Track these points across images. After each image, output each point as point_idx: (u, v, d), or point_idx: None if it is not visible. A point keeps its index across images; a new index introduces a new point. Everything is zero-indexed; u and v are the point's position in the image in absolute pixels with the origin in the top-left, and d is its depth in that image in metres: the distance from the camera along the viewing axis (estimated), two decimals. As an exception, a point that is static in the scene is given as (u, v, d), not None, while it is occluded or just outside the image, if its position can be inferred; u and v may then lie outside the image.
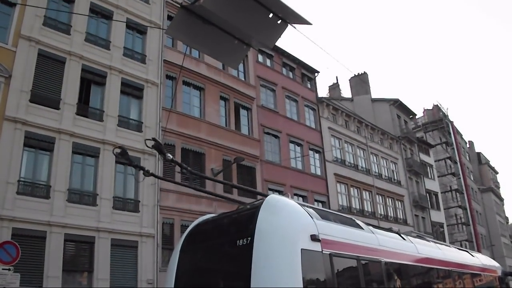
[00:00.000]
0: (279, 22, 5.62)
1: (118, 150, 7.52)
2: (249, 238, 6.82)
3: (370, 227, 9.27)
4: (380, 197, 39.65)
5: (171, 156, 7.54)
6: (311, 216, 7.33)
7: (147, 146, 7.22)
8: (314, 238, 6.87)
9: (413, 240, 10.85)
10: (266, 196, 7.67)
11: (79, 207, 19.32)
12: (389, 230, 10.58)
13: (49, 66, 20.46)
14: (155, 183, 22.06)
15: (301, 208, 7.46)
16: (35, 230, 17.55)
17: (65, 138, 19.75)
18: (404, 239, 10.41)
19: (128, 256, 20.40)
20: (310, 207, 7.94)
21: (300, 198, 30.03)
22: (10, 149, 17.96)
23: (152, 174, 8.26)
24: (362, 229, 8.75)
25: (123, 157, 7.48)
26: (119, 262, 19.95)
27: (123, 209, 20.90)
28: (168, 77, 25.37)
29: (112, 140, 21.10)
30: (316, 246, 6.88)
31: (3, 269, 13.80)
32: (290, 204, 7.53)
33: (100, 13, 23.37)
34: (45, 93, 19.94)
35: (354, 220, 9.02)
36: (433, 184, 51.59)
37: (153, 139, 7.31)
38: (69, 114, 20.24)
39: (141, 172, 8.12)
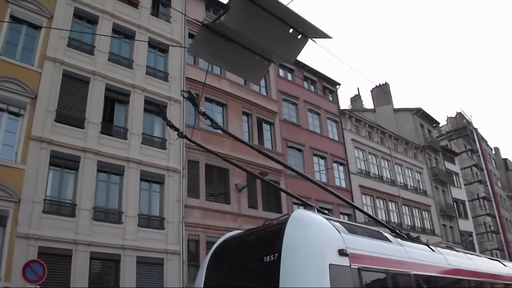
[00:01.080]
0: (299, 37, 5.61)
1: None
2: (276, 254, 6.74)
3: (398, 239, 9.09)
4: (407, 207, 39.10)
5: (203, 109, 7.31)
6: (338, 231, 7.20)
7: (183, 97, 6.99)
8: (342, 252, 6.74)
9: (442, 251, 10.58)
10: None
11: (105, 225, 19.42)
12: (417, 240, 10.34)
13: (74, 86, 20.78)
14: (179, 200, 22.11)
15: (328, 223, 7.33)
16: (61, 249, 17.66)
17: (90, 156, 19.95)
18: (433, 250, 10.17)
19: (154, 274, 20.38)
20: (337, 221, 7.82)
21: (326, 212, 29.77)
22: (37, 168, 18.20)
23: (186, 137, 8.03)
24: (390, 241, 8.57)
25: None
26: (145, 279, 19.94)
27: (148, 227, 20.95)
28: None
29: (136, 157, 21.28)
30: (344, 261, 6.76)
31: (29, 288, 13.93)
32: (317, 218, 7.41)
33: (122, 33, 23.73)
34: (70, 113, 20.23)
35: (381, 233, 8.86)
36: (460, 193, 50.67)
37: (188, 91, 7.11)
38: (94, 132, 20.47)
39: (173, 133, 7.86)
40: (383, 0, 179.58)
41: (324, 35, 5.57)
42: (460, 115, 62.19)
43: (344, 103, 53.83)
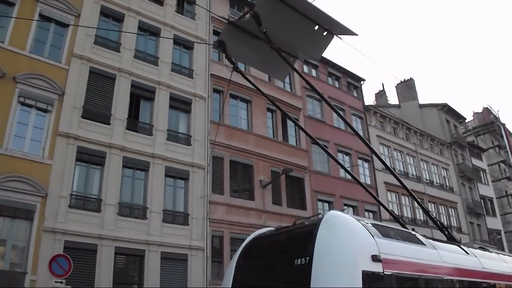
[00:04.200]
0: (325, 33, 5.59)
1: (216, 44, 7.03)
2: (308, 258, 6.59)
3: (430, 241, 8.78)
4: (432, 204, 38.60)
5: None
6: (371, 235, 6.99)
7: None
8: (375, 258, 6.56)
9: (476, 253, 10.20)
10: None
11: (129, 221, 19.63)
12: (451, 239, 9.97)
13: (100, 82, 21.04)
14: (204, 195, 22.22)
15: (361, 226, 7.10)
16: (86, 243, 17.93)
17: (115, 152, 20.17)
18: (466, 252, 9.80)
19: (178, 269, 20.53)
20: (370, 223, 7.58)
21: (351, 209, 29.66)
22: (63, 163, 18.49)
23: (241, 72, 7.45)
24: (424, 244, 8.29)
25: (222, 49, 6.81)
26: (169, 275, 20.10)
27: (173, 222, 21.10)
28: (215, 90, 25.62)
29: (162, 154, 21.45)
30: (378, 267, 6.58)
31: (55, 281, 14.15)
32: (350, 222, 7.20)
33: (148, 31, 23.92)
34: (96, 109, 20.50)
35: (415, 235, 8.57)
36: (487, 190, 49.74)
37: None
38: (120, 129, 20.69)
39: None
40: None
41: (349, 32, 5.56)
42: (487, 110, 61.10)
43: (369, 99, 53.40)
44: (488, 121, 59.30)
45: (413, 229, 9.08)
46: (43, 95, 18.97)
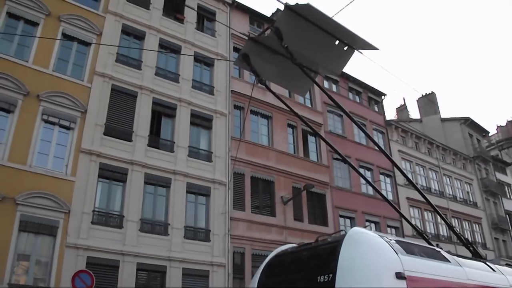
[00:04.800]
0: (345, 48, 5.57)
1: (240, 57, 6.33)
2: (331, 275, 6.53)
3: (455, 258, 8.59)
4: (456, 220, 37.94)
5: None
6: (395, 251, 6.89)
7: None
8: (399, 276, 6.45)
9: (503, 270, 9.90)
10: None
11: (151, 237, 19.66)
12: (476, 256, 9.77)
13: (122, 100, 21.27)
14: (225, 212, 22.21)
15: (385, 243, 7.01)
16: (108, 259, 17.98)
17: (137, 169, 20.30)
18: (493, 269, 9.54)
19: (199, 285, 20.39)
20: (394, 240, 7.48)
21: (373, 224, 29.38)
22: (86, 180, 18.66)
23: (265, 84, 7.06)
24: (449, 261, 8.11)
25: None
26: (191, 291, 20.07)
27: (194, 239, 21.07)
28: (236, 107, 25.73)
29: (183, 170, 21.52)
30: (402, 284, 6.47)
31: (78, 297, 14.21)
32: (373, 238, 7.11)
33: (169, 48, 24.20)
34: (118, 126, 20.70)
35: (439, 251, 8.39)
36: (512, 205, 48.95)
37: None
38: (141, 145, 20.84)
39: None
40: (428, 9, 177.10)
41: (370, 47, 5.52)
42: (511, 124, 60.34)
43: (390, 114, 53.20)
44: (512, 135, 58.51)
45: (437, 245, 8.94)
46: (66, 113, 19.26)
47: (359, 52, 5.76)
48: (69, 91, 19.58)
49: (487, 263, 9.72)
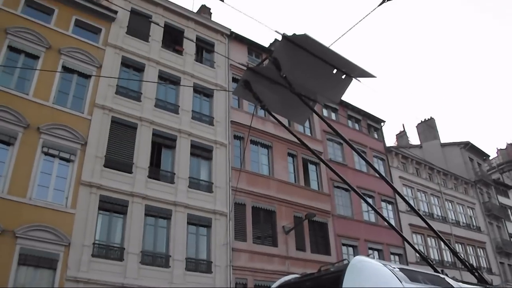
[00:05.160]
0: (343, 77, 5.60)
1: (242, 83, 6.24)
2: None
3: (461, 284, 8.50)
4: (460, 245, 37.60)
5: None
6: (399, 280, 6.83)
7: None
8: None
9: None
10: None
11: (152, 269, 19.45)
12: (481, 281, 9.66)
13: (122, 132, 21.32)
14: (227, 243, 22.05)
15: (389, 272, 6.95)
16: (109, 293, 17.78)
17: (137, 201, 20.22)
18: None
19: (202, 318, 20.20)
20: (397, 268, 7.41)
21: (376, 252, 29.16)
22: (86, 212, 18.56)
23: (268, 110, 6.87)
24: None
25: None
26: (193, 323, 19.78)
27: (196, 270, 20.85)
28: (236, 137, 25.78)
29: (184, 201, 21.43)
30: None
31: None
32: (377, 267, 7.06)
33: (168, 80, 24.37)
34: (118, 158, 20.69)
35: (444, 278, 8.34)
36: (516, 228, 48.50)
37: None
38: (142, 177, 20.79)
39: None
40: (426, 34, 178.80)
41: (368, 75, 5.55)
42: (511, 146, 60.32)
43: (390, 140, 53.28)
44: (512, 157, 58.47)
45: (442, 271, 8.86)
46: (66, 145, 19.28)
47: (357, 80, 5.79)
48: (69, 123, 19.64)
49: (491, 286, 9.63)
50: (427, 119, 52.39)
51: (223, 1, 8.42)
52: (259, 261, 22.98)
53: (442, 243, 35.42)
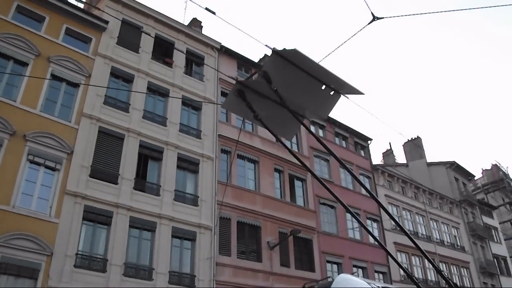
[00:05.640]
0: (332, 93, 5.63)
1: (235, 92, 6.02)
2: None
3: None
4: (444, 264, 37.65)
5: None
6: None
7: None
8: None
9: None
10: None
11: (135, 281, 19.23)
12: None
13: (109, 142, 21.21)
14: (211, 257, 21.93)
15: None
16: (91, 304, 17.55)
17: (122, 212, 20.06)
18: None
19: (184, 333, 20.00)
20: (382, 286, 7.43)
21: (360, 270, 29.15)
22: (70, 222, 18.35)
23: (260, 120, 6.72)
24: None
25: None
26: (175, 338, 19.57)
27: (179, 284, 20.65)
28: (223, 151, 25.76)
29: (169, 214, 21.31)
30: None
31: None
32: (360, 285, 7.12)
33: (157, 92, 24.32)
34: (104, 168, 20.56)
35: None
36: (500, 248, 48.47)
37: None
38: (127, 188, 20.67)
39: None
40: (412, 53, 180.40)
41: (356, 92, 5.58)
42: (496, 167, 60.78)
43: (376, 159, 53.41)
44: (497, 178, 58.89)
45: None
46: (52, 154, 19.12)
47: (345, 97, 5.82)
48: (56, 132, 19.50)
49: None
50: (414, 138, 52.76)
51: (214, 13, 8.47)
52: (243, 276, 22.86)
53: (426, 261, 35.57)
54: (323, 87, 5.47)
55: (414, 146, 51.71)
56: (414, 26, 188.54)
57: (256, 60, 31.03)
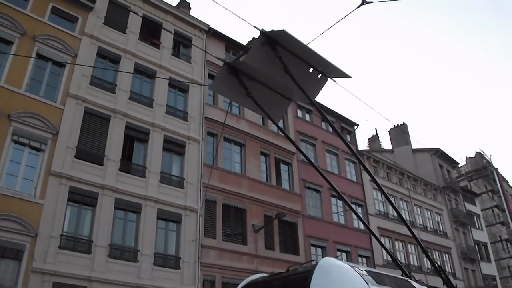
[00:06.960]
0: (319, 76, 5.61)
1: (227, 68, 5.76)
2: None
3: None
4: (427, 250, 38.15)
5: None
6: (366, 282, 6.91)
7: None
8: None
9: None
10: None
11: (120, 263, 19.27)
12: (448, 284, 9.81)
13: (95, 123, 21.06)
14: (196, 239, 21.98)
15: (356, 274, 7.01)
16: (75, 286, 17.51)
17: (108, 193, 20.00)
18: None
19: (168, 314, 20.08)
20: (365, 271, 7.47)
21: (344, 254, 29.41)
22: (55, 203, 18.27)
23: (252, 98, 6.49)
24: None
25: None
26: (160, 319, 19.66)
27: (164, 266, 20.73)
28: (209, 133, 25.70)
29: (154, 196, 21.28)
30: None
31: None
32: (344, 269, 7.12)
33: (144, 73, 24.13)
34: (90, 149, 20.43)
35: (410, 282, 8.48)
36: (481, 235, 49.34)
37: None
38: (113, 170, 20.58)
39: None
40: (400, 39, 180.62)
41: (344, 75, 5.57)
42: (479, 155, 61.28)
43: (362, 144, 53.48)
44: (481, 166, 59.40)
45: (410, 273, 8.98)
46: (37, 134, 18.94)
47: (333, 80, 5.80)
48: (41, 112, 19.29)
49: (459, 291, 9.76)
50: (400, 124, 52.90)
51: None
52: (228, 258, 22.97)
53: (409, 246, 35.80)
54: (311, 69, 5.47)
55: (400, 132, 51.92)
56: (403, 11, 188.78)
57: (244, 42, 30.87)
